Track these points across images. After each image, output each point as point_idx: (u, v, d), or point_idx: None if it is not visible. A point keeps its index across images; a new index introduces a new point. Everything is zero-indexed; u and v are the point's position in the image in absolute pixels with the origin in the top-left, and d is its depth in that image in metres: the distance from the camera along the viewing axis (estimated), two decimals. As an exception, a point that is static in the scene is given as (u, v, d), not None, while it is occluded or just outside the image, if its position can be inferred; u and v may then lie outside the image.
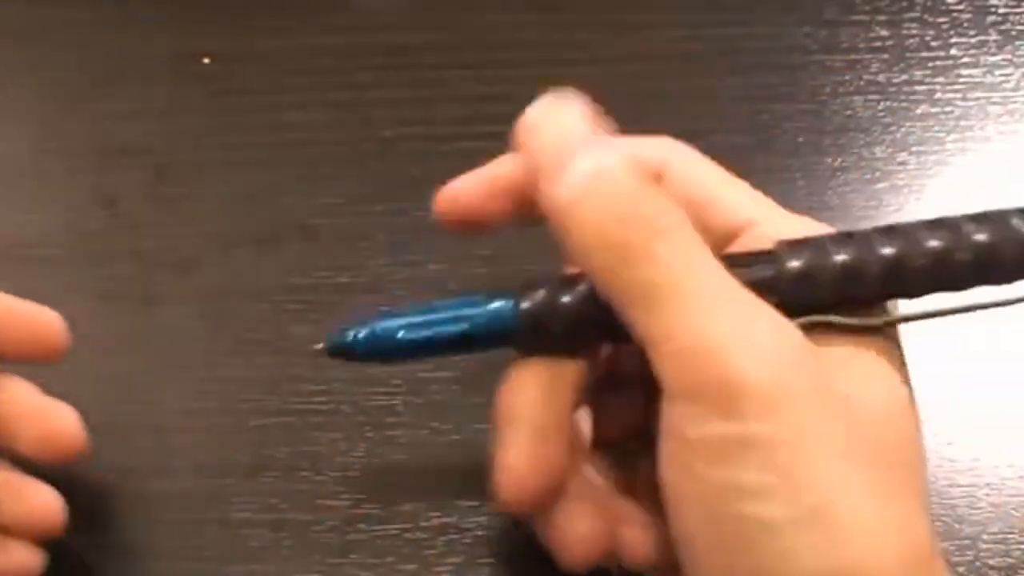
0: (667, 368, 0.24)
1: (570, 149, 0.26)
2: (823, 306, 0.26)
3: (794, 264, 0.26)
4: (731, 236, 0.28)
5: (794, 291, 0.25)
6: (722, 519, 0.23)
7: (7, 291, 0.37)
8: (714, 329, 0.23)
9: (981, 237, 0.25)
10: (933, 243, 0.25)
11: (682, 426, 0.24)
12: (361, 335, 0.27)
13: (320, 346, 0.28)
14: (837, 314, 0.26)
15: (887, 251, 0.25)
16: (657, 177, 0.28)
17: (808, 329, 0.25)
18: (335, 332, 0.28)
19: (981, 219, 0.26)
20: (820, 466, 0.23)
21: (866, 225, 0.26)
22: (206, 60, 0.41)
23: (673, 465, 0.24)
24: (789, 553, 0.22)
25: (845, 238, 0.26)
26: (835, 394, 0.24)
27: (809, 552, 0.22)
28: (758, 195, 0.29)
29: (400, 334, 0.27)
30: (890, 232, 0.26)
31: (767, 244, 0.26)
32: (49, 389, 0.35)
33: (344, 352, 0.28)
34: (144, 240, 0.38)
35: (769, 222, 0.28)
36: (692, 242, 0.25)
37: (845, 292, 0.25)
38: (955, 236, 0.25)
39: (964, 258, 0.25)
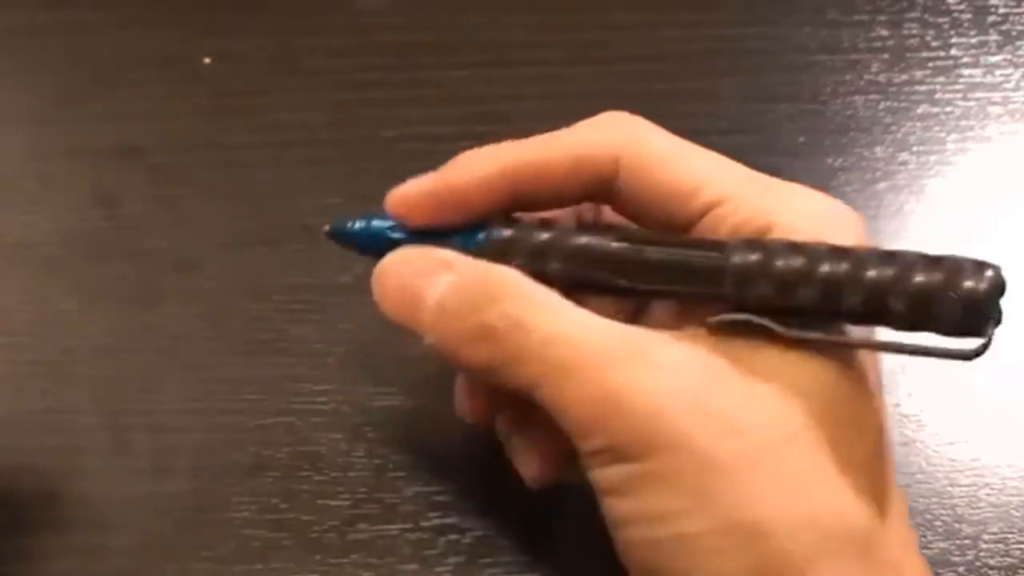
0: (571, 429, 0.26)
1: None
2: (758, 307, 0.25)
3: (737, 261, 0.25)
4: (696, 217, 0.27)
5: (734, 287, 0.25)
6: (640, 545, 0.26)
7: (7, 291, 0.37)
8: (590, 398, 0.25)
9: (921, 283, 0.24)
10: (872, 275, 0.25)
11: (595, 478, 0.26)
12: (358, 225, 0.30)
13: (327, 228, 0.30)
14: (773, 319, 0.25)
15: (826, 270, 0.25)
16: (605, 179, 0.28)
17: (733, 327, 0.25)
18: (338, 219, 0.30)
19: (934, 265, 0.24)
20: (719, 481, 0.24)
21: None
22: (206, 60, 0.41)
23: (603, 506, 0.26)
24: (711, 561, 0.24)
25: (794, 248, 0.25)
26: (720, 414, 0.25)
27: (730, 556, 0.24)
28: (725, 167, 0.28)
29: (392, 233, 0.29)
30: (841, 254, 0.25)
31: (725, 227, 0.27)
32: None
33: (341, 237, 0.30)
34: (144, 240, 0.38)
35: (733, 202, 0.27)
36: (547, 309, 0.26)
37: (781, 302, 0.25)
38: (896, 278, 0.24)
39: (898, 307, 0.25)
